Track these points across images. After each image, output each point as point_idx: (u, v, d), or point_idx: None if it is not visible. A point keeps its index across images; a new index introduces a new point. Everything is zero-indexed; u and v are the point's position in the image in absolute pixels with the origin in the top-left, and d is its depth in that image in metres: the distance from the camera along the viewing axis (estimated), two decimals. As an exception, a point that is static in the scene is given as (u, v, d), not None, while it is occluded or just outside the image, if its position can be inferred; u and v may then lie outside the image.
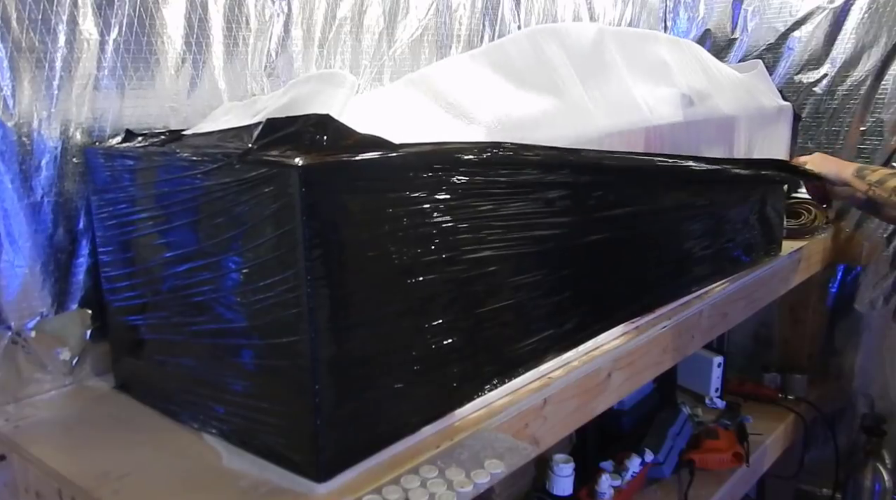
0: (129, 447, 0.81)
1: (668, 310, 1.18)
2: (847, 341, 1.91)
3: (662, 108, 1.18)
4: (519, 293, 0.89)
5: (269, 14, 1.11)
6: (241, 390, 0.77)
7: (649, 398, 1.63)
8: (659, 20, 2.02)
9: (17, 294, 0.89)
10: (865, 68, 1.79)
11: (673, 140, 1.18)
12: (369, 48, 1.26)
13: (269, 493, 0.71)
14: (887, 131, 1.77)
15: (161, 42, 0.98)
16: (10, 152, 0.86)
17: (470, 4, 1.43)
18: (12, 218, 0.87)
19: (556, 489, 1.27)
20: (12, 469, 0.84)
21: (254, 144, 0.71)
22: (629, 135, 1.09)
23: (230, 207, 0.72)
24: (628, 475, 1.38)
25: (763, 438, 1.66)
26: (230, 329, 0.76)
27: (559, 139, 0.95)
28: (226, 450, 0.78)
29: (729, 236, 1.33)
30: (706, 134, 1.28)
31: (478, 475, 0.75)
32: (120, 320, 0.92)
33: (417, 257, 0.76)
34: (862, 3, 1.78)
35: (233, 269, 0.73)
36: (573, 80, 1.05)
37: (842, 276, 1.91)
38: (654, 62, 1.25)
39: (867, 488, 1.77)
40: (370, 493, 0.70)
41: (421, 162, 0.75)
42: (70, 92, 0.90)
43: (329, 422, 0.70)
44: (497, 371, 0.88)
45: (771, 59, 1.90)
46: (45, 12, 0.86)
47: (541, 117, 0.98)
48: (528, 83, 1.01)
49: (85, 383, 0.97)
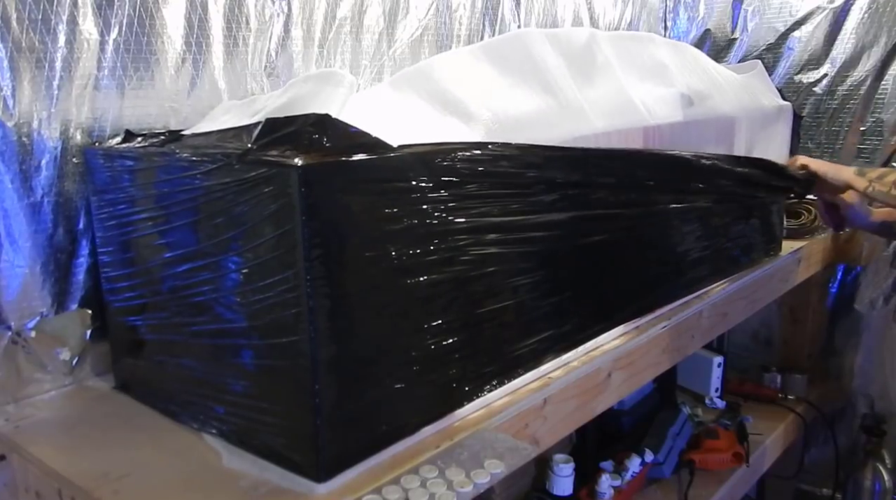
0: (129, 447, 0.81)
1: (667, 310, 1.18)
2: (847, 341, 1.91)
3: (661, 108, 1.18)
4: (518, 294, 0.89)
5: (269, 14, 1.11)
6: (241, 390, 0.77)
7: (649, 398, 1.63)
8: (659, 20, 2.02)
9: (17, 294, 0.89)
10: (865, 68, 1.79)
11: (672, 140, 1.18)
12: (369, 48, 1.26)
13: (269, 493, 0.71)
14: (887, 131, 1.77)
15: (161, 42, 0.98)
16: (10, 152, 0.86)
17: (470, 4, 1.43)
18: (12, 218, 0.87)
19: (556, 489, 1.27)
20: (12, 469, 0.84)
21: (253, 144, 0.71)
22: (627, 134, 1.09)
23: (230, 208, 0.72)
24: (628, 475, 1.38)
25: (763, 438, 1.66)
26: (230, 329, 0.76)
27: (556, 139, 0.95)
28: (226, 450, 0.78)
29: (729, 237, 1.33)
30: (706, 134, 1.28)
31: (478, 475, 0.75)
32: (120, 321, 0.92)
33: (417, 257, 0.76)
34: (862, 3, 1.78)
35: (233, 269, 0.73)
36: (567, 81, 1.05)
37: (842, 276, 1.91)
38: (652, 63, 1.25)
39: (867, 488, 1.77)
40: (370, 493, 0.70)
41: (420, 162, 0.75)
42: (70, 92, 0.90)
43: (329, 422, 0.70)
44: (497, 372, 0.88)
45: (771, 59, 1.90)
46: (45, 12, 0.86)
47: (537, 117, 0.98)
48: (522, 82, 1.01)
49: (85, 383, 0.97)
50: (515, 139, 0.88)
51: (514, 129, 0.93)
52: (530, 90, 1.01)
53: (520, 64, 1.02)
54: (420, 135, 0.80)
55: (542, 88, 1.02)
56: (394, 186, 0.73)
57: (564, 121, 1.01)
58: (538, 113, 0.99)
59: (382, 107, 0.93)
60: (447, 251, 0.79)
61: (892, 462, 1.78)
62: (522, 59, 1.03)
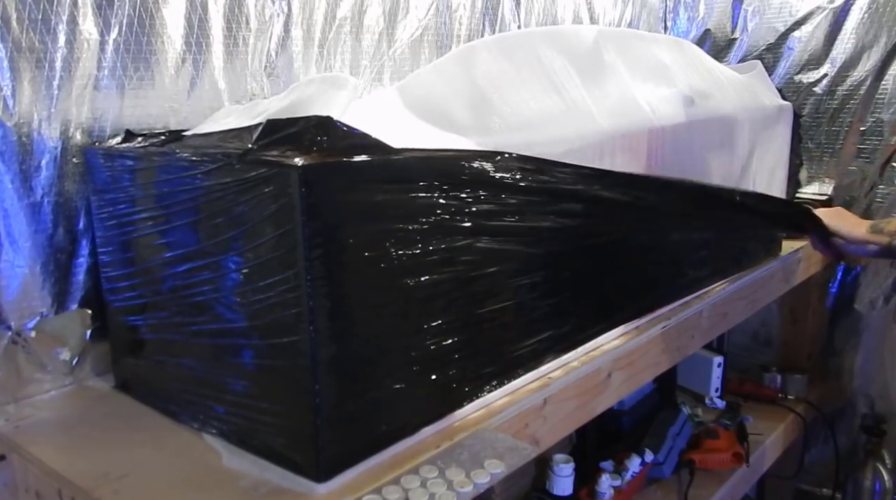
0: (129, 447, 0.81)
1: (667, 310, 1.18)
2: (847, 341, 1.91)
3: (664, 107, 1.18)
4: (519, 294, 0.89)
5: (269, 14, 1.11)
6: (242, 390, 0.77)
7: (649, 398, 1.63)
8: (659, 20, 2.02)
9: (17, 294, 0.89)
10: (865, 68, 1.79)
11: (675, 141, 1.18)
12: (369, 48, 1.26)
13: (269, 493, 0.71)
14: (887, 131, 1.77)
15: (161, 42, 0.98)
16: (10, 152, 0.86)
17: (470, 4, 1.43)
18: (12, 218, 0.87)
19: (556, 489, 1.27)
20: (12, 469, 0.84)
21: (254, 145, 0.71)
22: (632, 138, 1.09)
23: (230, 208, 0.72)
24: (628, 475, 1.38)
25: (763, 438, 1.66)
26: (230, 329, 0.76)
27: (562, 141, 0.95)
28: (226, 450, 0.78)
29: (729, 242, 1.33)
30: (708, 135, 1.28)
31: (478, 475, 0.75)
32: (120, 320, 0.92)
33: (417, 257, 0.76)
34: (862, 3, 1.78)
35: (233, 269, 0.73)
36: (573, 82, 1.05)
37: (842, 276, 1.91)
38: (654, 63, 1.25)
39: (867, 488, 1.77)
40: (370, 493, 0.70)
41: (420, 165, 0.75)
42: (70, 92, 0.90)
43: (329, 422, 0.70)
44: (497, 372, 0.88)
45: (771, 59, 1.90)
46: (45, 12, 0.86)
47: (543, 119, 0.98)
48: (528, 84, 1.01)
49: (85, 383, 0.97)
50: (523, 141, 0.87)
51: (520, 128, 0.93)
52: (537, 92, 1.00)
53: (528, 65, 1.02)
54: (423, 134, 0.80)
55: (549, 89, 1.02)
56: (394, 187, 0.73)
57: (571, 122, 1.01)
58: (545, 115, 0.98)
59: (383, 116, 0.93)
60: (447, 252, 0.79)
61: (892, 462, 1.78)
62: (530, 61, 1.02)
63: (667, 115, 1.17)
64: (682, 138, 1.20)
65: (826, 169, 1.87)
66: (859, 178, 1.81)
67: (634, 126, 1.10)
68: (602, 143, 1.03)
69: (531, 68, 1.02)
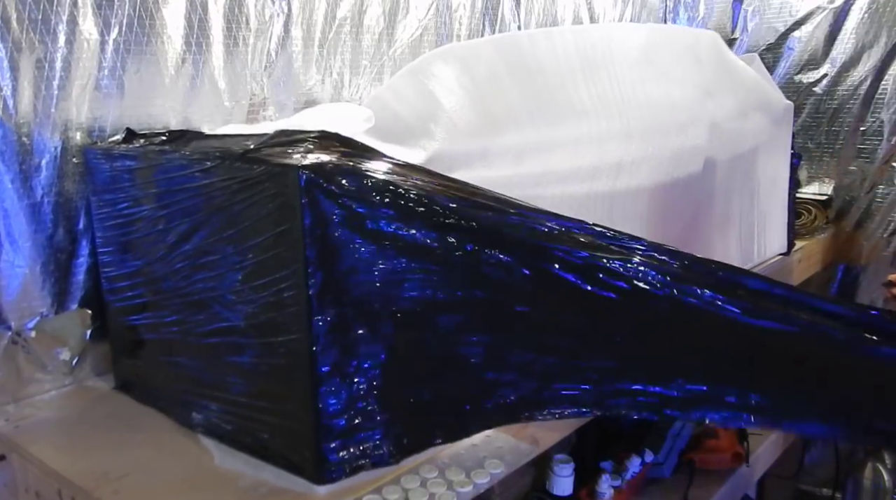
0: (129, 447, 0.81)
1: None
2: (847, 341, 1.91)
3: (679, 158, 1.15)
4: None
5: (269, 14, 1.11)
6: (241, 390, 0.77)
7: (649, 398, 1.63)
8: (659, 20, 2.02)
9: (17, 294, 0.89)
10: (865, 68, 1.79)
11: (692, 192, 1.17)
12: (369, 48, 1.26)
13: (268, 493, 0.71)
14: (887, 131, 1.77)
15: (161, 42, 0.98)
16: (10, 152, 0.86)
17: (470, 4, 1.43)
18: (12, 218, 0.87)
19: (556, 489, 1.27)
20: (12, 469, 0.84)
21: (255, 145, 0.71)
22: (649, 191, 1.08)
23: (230, 207, 0.72)
24: (628, 475, 1.38)
25: (763, 438, 1.66)
26: (230, 329, 0.76)
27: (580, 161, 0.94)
28: (226, 450, 0.78)
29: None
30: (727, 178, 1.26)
31: (478, 475, 0.75)
32: (120, 320, 0.92)
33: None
34: (862, 3, 1.78)
35: (233, 268, 0.73)
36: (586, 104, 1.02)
37: (842, 276, 1.91)
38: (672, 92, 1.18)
39: (867, 488, 1.77)
40: (370, 493, 0.70)
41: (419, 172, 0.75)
42: (70, 92, 0.90)
43: (329, 422, 0.70)
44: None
45: (771, 59, 1.90)
46: (45, 12, 0.86)
47: (562, 144, 0.97)
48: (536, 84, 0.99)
49: (85, 384, 0.97)
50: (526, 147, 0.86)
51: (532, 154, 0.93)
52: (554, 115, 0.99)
53: (538, 65, 1.00)
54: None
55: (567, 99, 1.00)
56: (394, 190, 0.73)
57: (589, 152, 0.99)
58: (563, 141, 0.97)
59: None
60: (447, 251, 0.79)
61: (892, 462, 1.78)
62: (542, 61, 1.01)
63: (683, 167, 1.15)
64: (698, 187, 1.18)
65: (826, 169, 1.87)
66: (859, 178, 1.81)
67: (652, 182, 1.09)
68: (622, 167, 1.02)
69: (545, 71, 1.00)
